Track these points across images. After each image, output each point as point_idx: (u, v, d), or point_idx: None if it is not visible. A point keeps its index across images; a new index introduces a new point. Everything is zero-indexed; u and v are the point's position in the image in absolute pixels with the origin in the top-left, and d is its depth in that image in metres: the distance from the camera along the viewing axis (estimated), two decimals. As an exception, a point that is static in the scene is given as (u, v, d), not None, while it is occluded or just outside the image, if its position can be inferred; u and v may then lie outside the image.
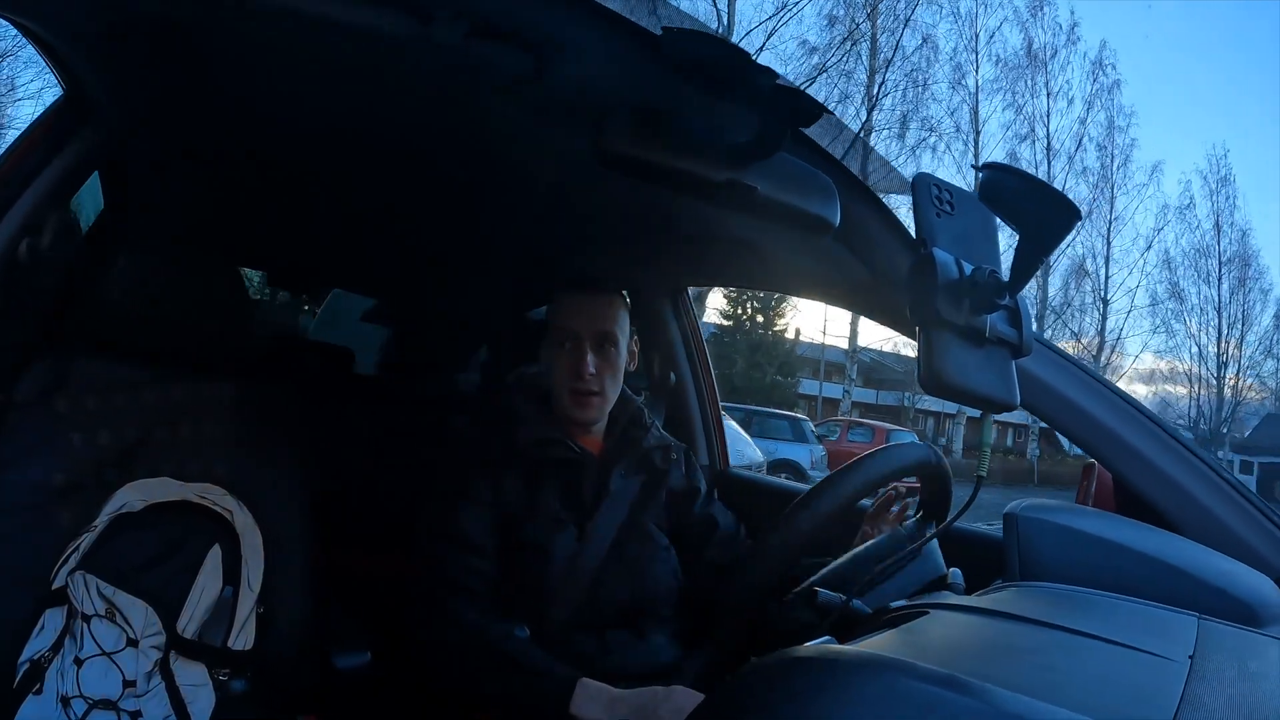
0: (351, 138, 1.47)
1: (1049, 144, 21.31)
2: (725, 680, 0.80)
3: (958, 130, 18.37)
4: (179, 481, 1.38)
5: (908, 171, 17.88)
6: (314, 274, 3.21)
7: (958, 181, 1.09)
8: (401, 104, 1.27)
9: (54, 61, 1.24)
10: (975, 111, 17.92)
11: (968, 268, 0.94)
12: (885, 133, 18.01)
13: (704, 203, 1.09)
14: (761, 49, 15.49)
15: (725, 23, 15.59)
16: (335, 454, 2.36)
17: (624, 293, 1.65)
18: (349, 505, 2.19)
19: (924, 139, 18.12)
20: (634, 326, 1.64)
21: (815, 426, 17.76)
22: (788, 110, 0.97)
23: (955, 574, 1.21)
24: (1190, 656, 0.81)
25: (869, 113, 16.42)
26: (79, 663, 1.19)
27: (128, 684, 1.20)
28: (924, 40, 17.40)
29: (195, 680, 1.24)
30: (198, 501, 1.34)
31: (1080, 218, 0.92)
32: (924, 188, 0.97)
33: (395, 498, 2.07)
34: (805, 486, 1.31)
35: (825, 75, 16.26)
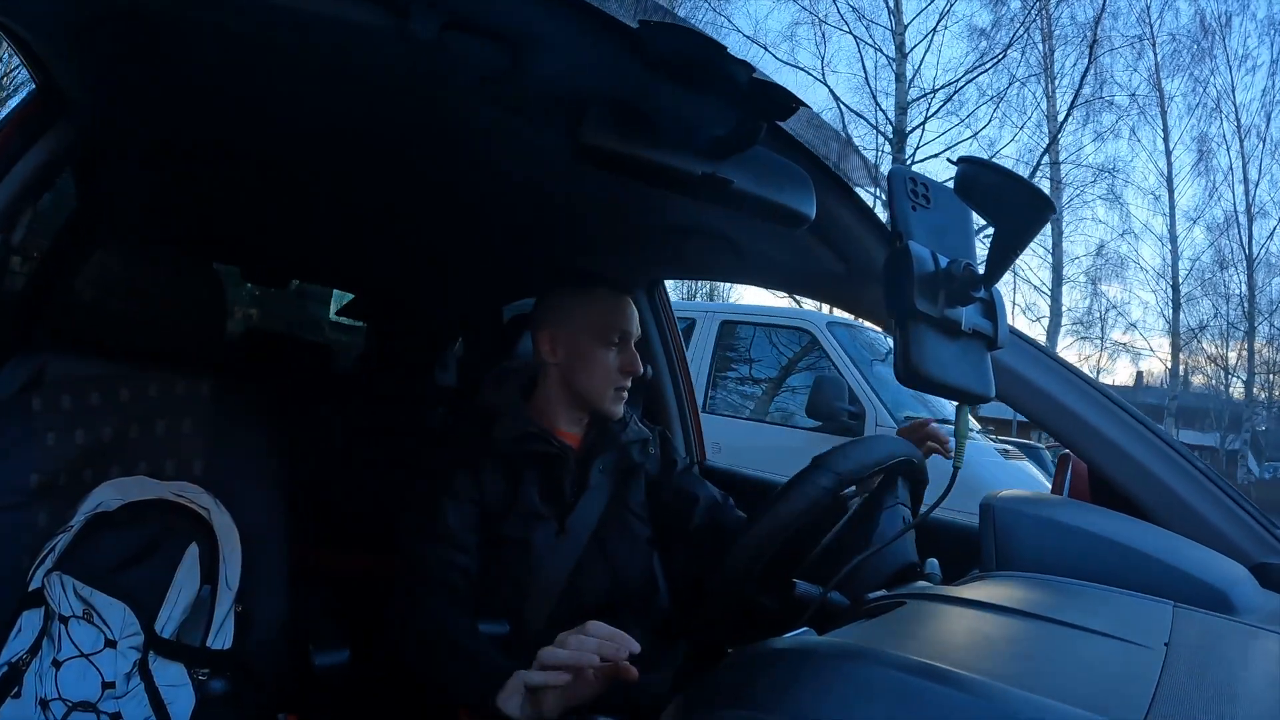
0: (327, 132, 1.46)
1: (1239, 122, 17.73)
2: (706, 671, 0.81)
3: (1142, 114, 16.73)
4: (155, 480, 1.37)
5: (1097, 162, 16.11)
6: (290, 269, 3.18)
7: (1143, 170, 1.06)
8: (378, 98, 1.26)
9: (26, 55, 1.23)
10: (1159, 88, 16.08)
11: (943, 261, 0.95)
12: (1075, 116, 16.25)
13: (680, 196, 1.09)
14: (935, 30, 14.83)
15: (893, 4, 14.96)
16: (313, 450, 2.35)
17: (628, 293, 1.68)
18: (327, 502, 2.19)
19: (1114, 125, 16.32)
20: None
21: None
22: (765, 104, 0.97)
23: (932, 564, 1.22)
24: (1166, 644, 0.82)
25: (1076, 93, 15.04)
26: (57, 665, 1.18)
27: (106, 685, 1.19)
28: (1100, 14, 15.70)
29: (174, 680, 1.23)
30: (174, 500, 1.33)
31: (1054, 211, 0.93)
32: (900, 181, 0.98)
33: (374, 494, 2.07)
34: (782, 480, 1.31)
35: (1000, 60, 15.08)
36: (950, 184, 0.95)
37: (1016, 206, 0.91)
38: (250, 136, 1.55)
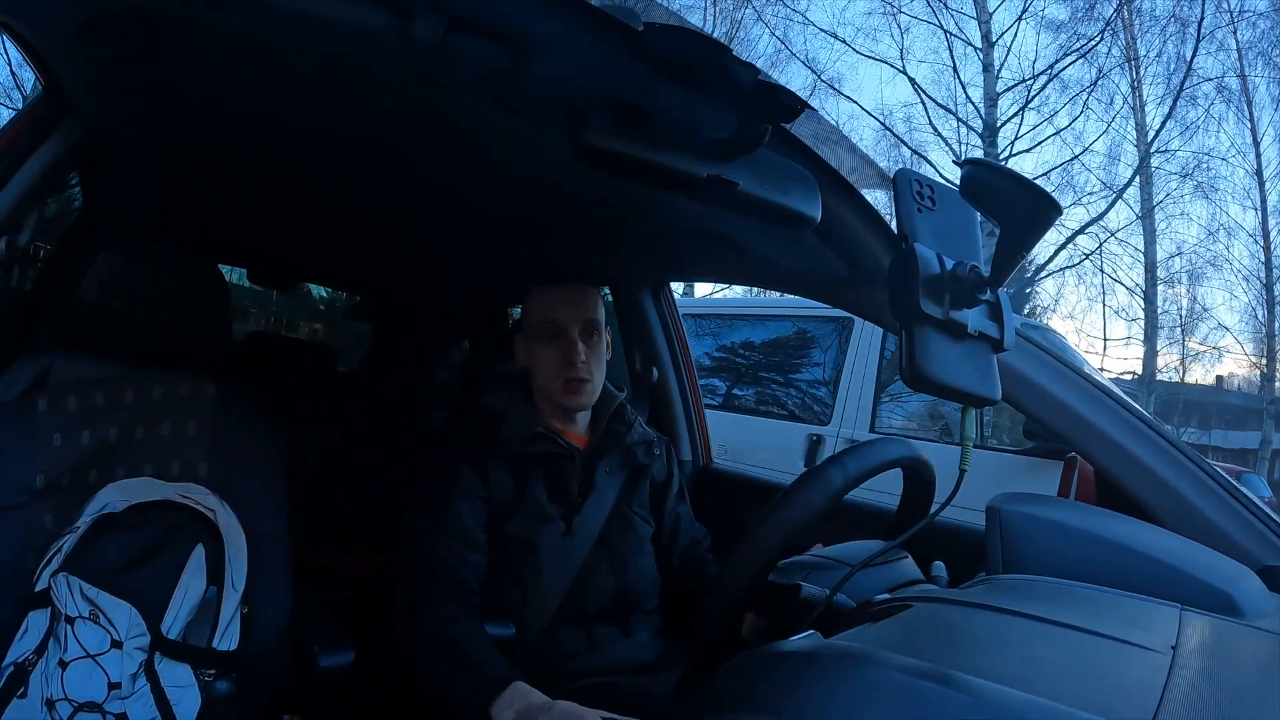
0: (331, 134, 1.46)
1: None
2: (712, 674, 0.80)
3: (1228, 104, 14.24)
4: (161, 481, 1.37)
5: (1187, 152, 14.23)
6: (294, 270, 3.19)
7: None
8: (380, 100, 1.26)
9: (32, 57, 1.23)
10: (1242, 76, 14.49)
11: (949, 263, 0.94)
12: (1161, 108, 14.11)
13: (685, 198, 1.09)
14: (1022, 16, 13.64)
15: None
16: (318, 451, 2.35)
17: (593, 284, 1.68)
18: (332, 503, 2.19)
19: (1201, 117, 13.87)
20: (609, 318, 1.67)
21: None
22: (769, 106, 0.96)
23: (938, 567, 1.22)
24: (1172, 647, 0.82)
25: (1185, 75, 13.30)
26: (63, 665, 1.18)
27: (112, 686, 1.19)
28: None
29: (180, 681, 1.23)
30: (180, 501, 1.33)
31: (1060, 212, 0.92)
32: (905, 183, 0.97)
33: (378, 494, 2.07)
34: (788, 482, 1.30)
35: (1096, 44, 13.44)
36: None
37: (1022, 208, 0.90)
38: (253, 138, 1.55)
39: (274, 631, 1.40)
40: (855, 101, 14.50)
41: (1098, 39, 13.60)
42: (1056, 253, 13.62)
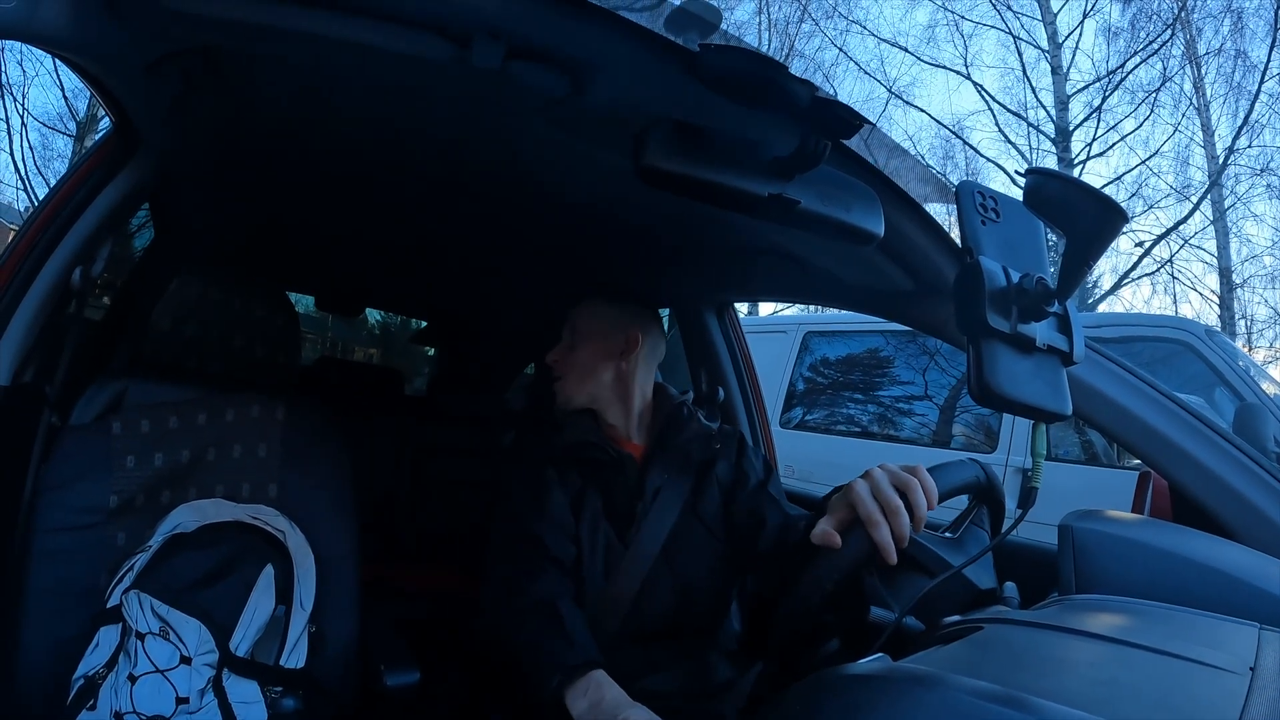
0: (394, 162, 1.49)
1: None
2: (779, 697, 0.79)
3: None
4: (232, 502, 1.41)
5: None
6: (361, 297, 3.25)
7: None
8: (443, 127, 1.28)
9: (102, 94, 1.27)
10: None
11: (1015, 275, 0.93)
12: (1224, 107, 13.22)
13: (747, 217, 1.09)
14: (1082, 22, 13.29)
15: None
16: (386, 472, 2.39)
17: (600, 295, 1.69)
18: (400, 522, 2.22)
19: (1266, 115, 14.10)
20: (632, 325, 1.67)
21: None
22: (829, 122, 0.96)
23: (1010, 588, 1.19)
24: (1251, 668, 0.79)
25: (1263, 74, 12.37)
26: (133, 679, 1.20)
27: (180, 701, 1.21)
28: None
29: (248, 697, 1.25)
30: (250, 522, 1.36)
31: (1127, 220, 0.90)
32: (968, 195, 0.96)
33: (446, 514, 2.09)
34: None
35: (1168, 43, 12.81)
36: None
37: (1087, 217, 0.88)
38: (317, 168, 1.59)
39: (341, 650, 1.42)
40: (926, 112, 14.29)
41: (1168, 35, 12.98)
42: (1139, 261, 13.18)
